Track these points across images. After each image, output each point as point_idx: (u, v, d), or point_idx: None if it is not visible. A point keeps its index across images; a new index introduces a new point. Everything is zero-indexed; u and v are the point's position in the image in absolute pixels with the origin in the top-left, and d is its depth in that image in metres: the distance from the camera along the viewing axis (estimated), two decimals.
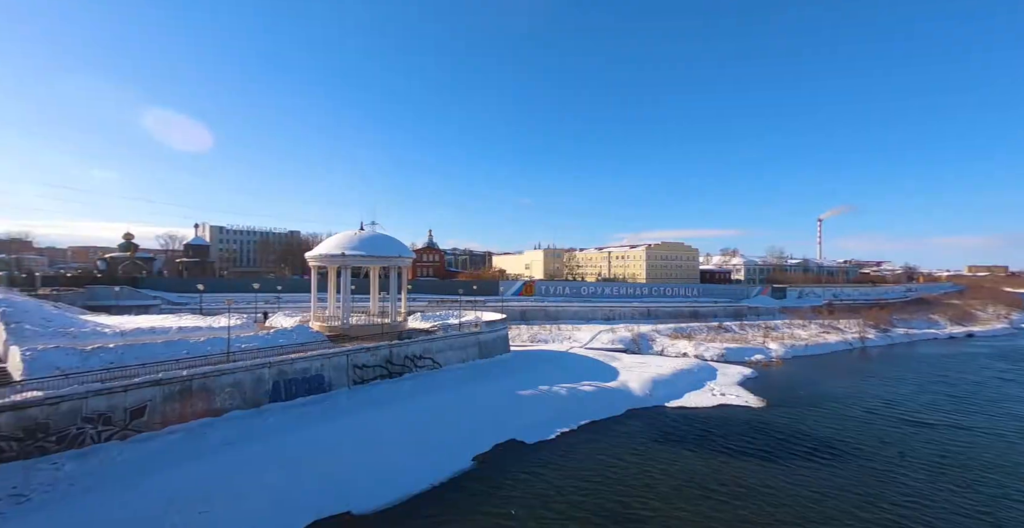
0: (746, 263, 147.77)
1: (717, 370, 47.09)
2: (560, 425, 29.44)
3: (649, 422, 31.69)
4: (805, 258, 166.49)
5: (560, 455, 25.63)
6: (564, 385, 35.42)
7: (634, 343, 58.53)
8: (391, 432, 24.58)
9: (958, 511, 20.17)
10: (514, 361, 43.23)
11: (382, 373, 32.65)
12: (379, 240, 40.00)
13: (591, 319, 74.57)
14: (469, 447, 25.18)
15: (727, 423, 31.61)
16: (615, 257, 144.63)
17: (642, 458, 25.46)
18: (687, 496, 21.12)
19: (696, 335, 63.55)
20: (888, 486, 22.38)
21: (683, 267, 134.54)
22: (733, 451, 26.57)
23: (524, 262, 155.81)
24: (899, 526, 18.91)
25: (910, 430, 30.60)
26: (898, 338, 71.26)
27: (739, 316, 79.87)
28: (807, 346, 60.77)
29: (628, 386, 38.09)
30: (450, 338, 39.37)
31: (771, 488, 22.00)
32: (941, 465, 24.88)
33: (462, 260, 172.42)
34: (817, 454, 26.31)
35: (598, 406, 33.12)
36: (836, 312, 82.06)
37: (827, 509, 20.13)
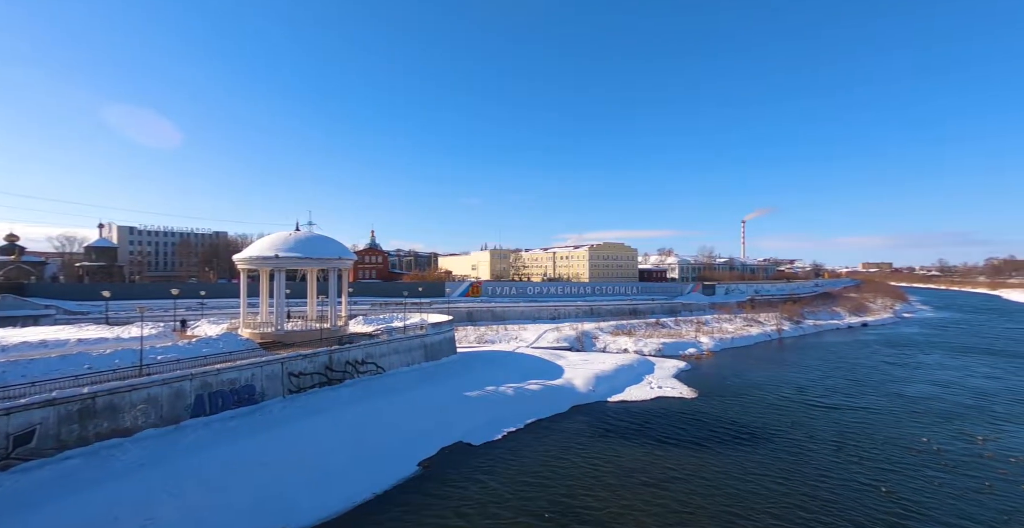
0: (680, 262, 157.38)
1: (655, 364, 49.68)
2: (507, 425, 29.59)
3: (593, 417, 32.74)
4: (731, 257, 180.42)
5: (507, 455, 25.77)
6: (511, 385, 35.69)
7: (578, 341, 60.24)
8: (330, 441, 23.42)
9: (856, 480, 22.76)
10: (461, 363, 42.89)
11: (321, 380, 31.03)
12: (317, 241, 37.99)
13: (537, 319, 75.81)
14: (414, 452, 24.60)
15: (664, 414, 33.43)
16: (560, 257, 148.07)
17: (587, 452, 26.24)
18: (629, 486, 22.05)
19: (636, 331, 66.60)
20: (800, 464, 24.78)
21: (623, 267, 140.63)
22: (669, 441, 28.13)
23: (471, 263, 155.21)
24: (810, 497, 20.98)
25: (817, 413, 34.05)
26: (808, 329, 79.22)
27: (674, 312, 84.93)
28: (733, 339, 65.77)
29: (573, 383, 39.12)
30: (394, 342, 38.27)
31: (703, 472, 23.56)
32: (842, 442, 27.89)
33: (407, 261, 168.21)
34: (742, 438, 28.56)
35: (544, 404, 33.71)
36: (757, 307, 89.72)
37: (751, 487, 21.91)
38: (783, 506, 20.15)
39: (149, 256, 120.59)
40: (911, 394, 39.15)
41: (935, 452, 26.30)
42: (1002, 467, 24.24)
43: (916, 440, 28.29)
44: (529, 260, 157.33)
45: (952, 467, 24.16)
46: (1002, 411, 34.42)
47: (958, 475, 23.25)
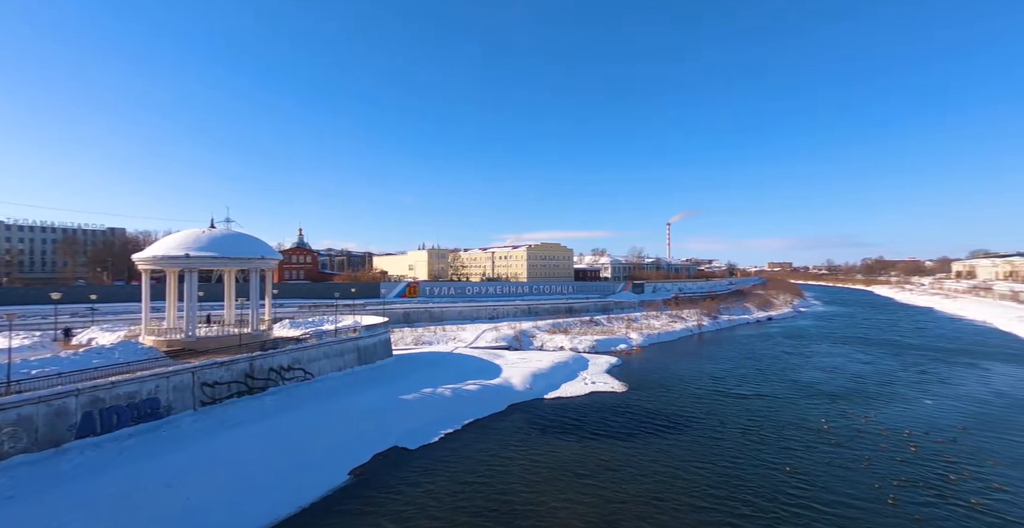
0: (612, 262, 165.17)
1: (589, 361, 51.67)
2: (444, 427, 29.23)
3: (529, 415, 33.34)
4: (658, 257, 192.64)
5: (445, 457, 25.45)
6: (449, 386, 35.29)
7: (516, 340, 61.03)
8: (251, 455, 21.64)
9: (764, 460, 25.30)
10: (397, 365, 41.67)
11: (241, 390, 28.58)
12: (235, 239, 34.95)
13: (476, 318, 75.66)
14: (345, 460, 23.48)
15: (597, 409, 34.88)
16: (498, 257, 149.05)
17: (523, 451, 26.65)
18: (564, 480, 22.72)
19: (571, 329, 68.83)
20: (716, 448, 27.03)
21: (560, 266, 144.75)
22: (602, 434, 29.41)
23: (407, 263, 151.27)
24: (725, 479, 22.95)
25: (729, 401, 37.31)
26: (724, 324, 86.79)
27: (607, 310, 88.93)
28: (659, 334, 70.28)
29: (510, 382, 39.55)
30: (324, 346, 36.24)
31: (633, 462, 24.90)
32: (750, 427, 30.76)
33: (339, 261, 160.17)
34: (667, 428, 30.59)
35: (482, 404, 33.75)
36: (681, 304, 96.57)
37: (674, 472, 23.53)
38: (703, 488, 21.86)
39: (22, 255, 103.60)
40: (805, 380, 44.23)
41: (826, 431, 29.91)
42: (882, 442, 28.09)
43: (810, 421, 32.00)
44: (468, 260, 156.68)
45: (838, 444, 27.55)
46: (874, 391, 40.05)
47: (844, 451, 26.55)
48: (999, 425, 30.90)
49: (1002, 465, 24.32)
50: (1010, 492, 21.28)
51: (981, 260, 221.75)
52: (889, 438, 28.43)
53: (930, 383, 42.79)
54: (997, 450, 26.45)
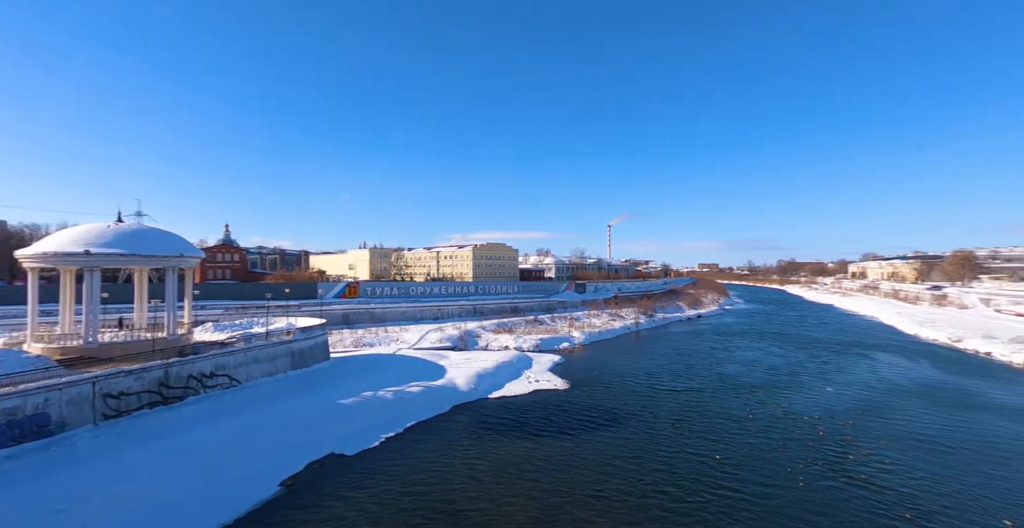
0: (556, 262, 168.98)
1: (533, 359, 52.50)
2: (385, 431, 28.34)
3: (473, 415, 33.25)
4: (600, 258, 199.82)
5: (385, 462, 24.68)
6: (390, 389, 34.28)
7: (461, 340, 60.59)
8: (163, 471, 19.65)
9: (694, 451, 27.07)
10: (335, 369, 39.77)
11: (154, 400, 25.87)
12: (146, 235, 31.55)
13: (420, 319, 74.14)
14: (275, 472, 22.03)
15: (540, 407, 35.52)
16: (444, 257, 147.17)
17: (468, 451, 26.51)
18: (507, 480, 22.88)
19: (516, 329, 69.53)
20: (650, 441, 28.52)
21: (506, 266, 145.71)
22: (544, 432, 29.97)
23: (347, 262, 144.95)
24: (659, 471, 24.26)
25: (662, 395, 39.51)
26: (659, 322, 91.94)
27: (551, 310, 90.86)
28: (600, 332, 72.98)
29: (455, 383, 39.20)
30: (253, 350, 33.75)
31: (573, 458, 25.61)
32: (681, 419, 32.75)
33: (271, 260, 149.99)
34: (605, 423, 31.79)
35: (425, 406, 33.14)
36: (620, 303, 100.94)
37: (612, 466, 24.51)
38: (638, 479, 22.94)
39: None
40: (729, 373, 47.97)
41: (747, 420, 32.56)
42: (794, 428, 31.08)
43: (733, 412, 34.72)
44: (412, 259, 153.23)
45: (758, 432, 30.05)
46: (786, 382, 44.31)
47: (763, 438, 29.02)
48: (883, 408, 35.40)
49: (888, 444, 27.85)
50: (894, 467, 24.38)
51: (870, 262, 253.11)
52: (800, 424, 31.53)
53: (830, 373, 48.09)
54: (883, 430, 30.27)
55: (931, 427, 30.83)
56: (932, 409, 34.99)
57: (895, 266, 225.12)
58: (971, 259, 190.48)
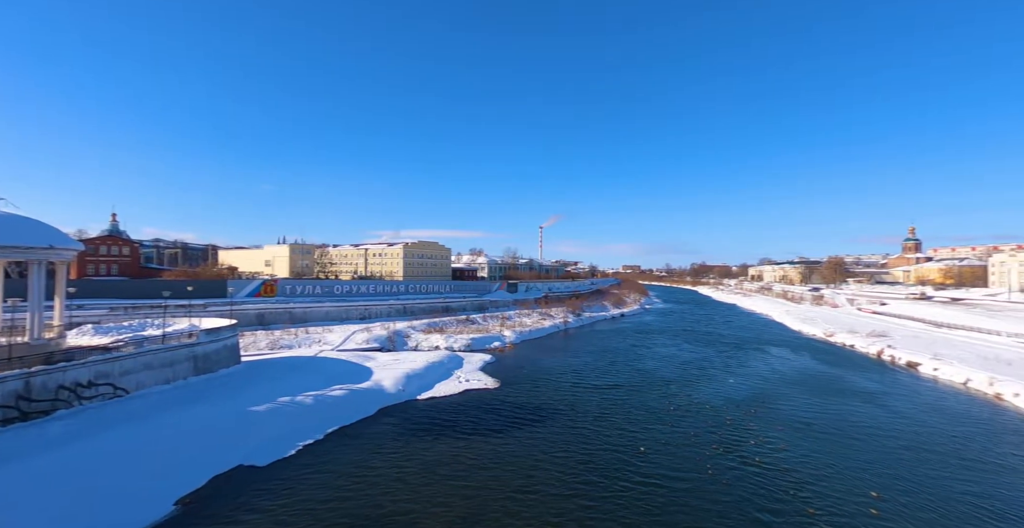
0: (489, 262, 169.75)
1: (464, 359, 52.23)
2: (303, 438, 26.51)
3: (401, 418, 32.28)
4: (531, 258, 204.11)
5: (302, 471, 23.08)
6: (310, 393, 32.16)
7: (390, 341, 58.60)
8: (15, 500, 16.63)
9: (613, 443, 28.61)
10: (246, 373, 36.45)
11: (9, 416, 21.86)
12: (3, 222, 26.58)
13: (345, 319, 70.54)
14: (170, 489, 19.65)
15: (470, 407, 35.41)
16: (372, 254, 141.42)
17: (394, 455, 25.67)
18: (435, 482, 22.49)
19: (447, 328, 68.75)
20: (575, 436, 29.60)
21: (438, 265, 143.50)
22: (474, 432, 29.91)
23: (264, 258, 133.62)
24: (582, 464, 25.27)
25: (587, 392, 41.19)
26: (586, 320, 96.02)
27: (483, 309, 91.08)
28: (531, 331, 74.54)
29: (382, 385, 37.79)
30: (145, 355, 29.85)
31: (502, 457, 25.85)
32: (604, 414, 34.29)
33: (170, 255, 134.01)
34: (533, 420, 32.50)
35: (348, 410, 31.54)
36: (550, 302, 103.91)
37: (540, 462, 25.12)
38: (565, 475, 23.63)
39: None
40: (647, 369, 51.40)
41: (662, 413, 35.01)
42: (703, 418, 34.02)
43: (651, 405, 37.17)
44: (338, 256, 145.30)
45: (671, 424, 32.32)
46: (696, 375, 48.49)
47: (676, 429, 31.28)
48: (775, 397, 40.05)
49: (779, 428, 31.48)
50: (784, 449, 27.55)
51: (766, 267, 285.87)
52: (708, 414, 34.55)
53: (732, 366, 53.45)
54: (775, 416, 34.20)
55: (811, 412, 35.39)
56: (812, 396, 40.22)
57: (785, 270, 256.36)
58: (841, 264, 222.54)
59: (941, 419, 33.82)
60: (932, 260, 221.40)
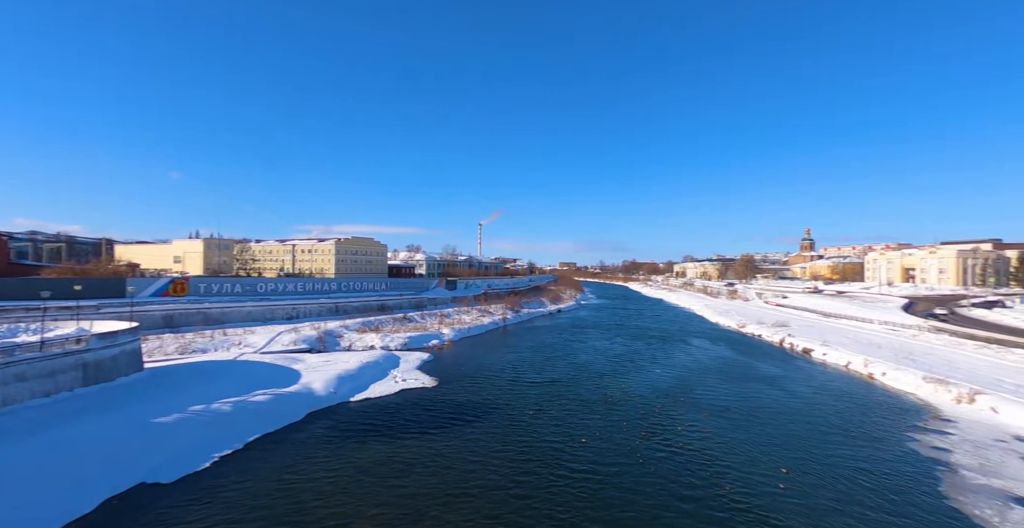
0: (427, 259, 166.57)
1: (400, 358, 50.81)
2: (220, 448, 24.26)
3: (333, 421, 30.71)
4: (470, 255, 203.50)
5: (218, 484, 21.12)
6: (228, 400, 29.50)
7: (320, 341, 55.43)
8: None
9: (551, 436, 29.32)
10: (151, 381, 32.65)
11: None
12: None
13: (271, 319, 65.60)
14: (48, 519, 17.03)
15: (407, 406, 34.53)
16: (301, 251, 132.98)
17: (324, 460, 24.33)
18: (369, 485, 21.64)
19: (383, 327, 66.43)
20: (514, 431, 29.94)
21: (373, 262, 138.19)
22: (411, 432, 29.20)
23: (173, 254, 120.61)
24: (520, 459, 25.59)
25: (525, 387, 41.74)
26: (524, 317, 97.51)
27: (421, 307, 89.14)
28: (470, 328, 74.23)
29: (311, 387, 35.66)
30: (14, 365, 25.60)
31: (439, 455, 25.46)
32: (541, 409, 34.90)
33: (51, 249, 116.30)
34: (472, 417, 32.40)
35: (273, 416, 29.37)
36: (489, 299, 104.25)
37: (478, 458, 25.09)
38: (502, 471, 23.74)
39: None
40: (581, 362, 53.27)
41: (597, 404, 36.52)
42: (634, 408, 35.85)
43: (585, 398, 38.60)
44: (261, 253, 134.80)
45: (604, 415, 33.65)
46: (627, 367, 51.16)
47: (609, 420, 32.73)
48: (697, 384, 43.35)
49: (701, 414, 34.09)
50: (705, 434, 29.83)
51: (689, 264, 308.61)
52: (638, 404, 36.40)
53: (659, 357, 57.08)
54: (698, 403, 36.92)
55: (728, 397, 38.72)
56: (728, 382, 44.06)
57: (705, 267, 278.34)
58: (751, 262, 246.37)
59: (829, 398, 38.63)
60: (823, 258, 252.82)
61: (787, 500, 20.81)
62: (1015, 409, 32.46)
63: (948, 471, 24.01)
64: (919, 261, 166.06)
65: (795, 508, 20.12)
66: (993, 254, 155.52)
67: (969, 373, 42.20)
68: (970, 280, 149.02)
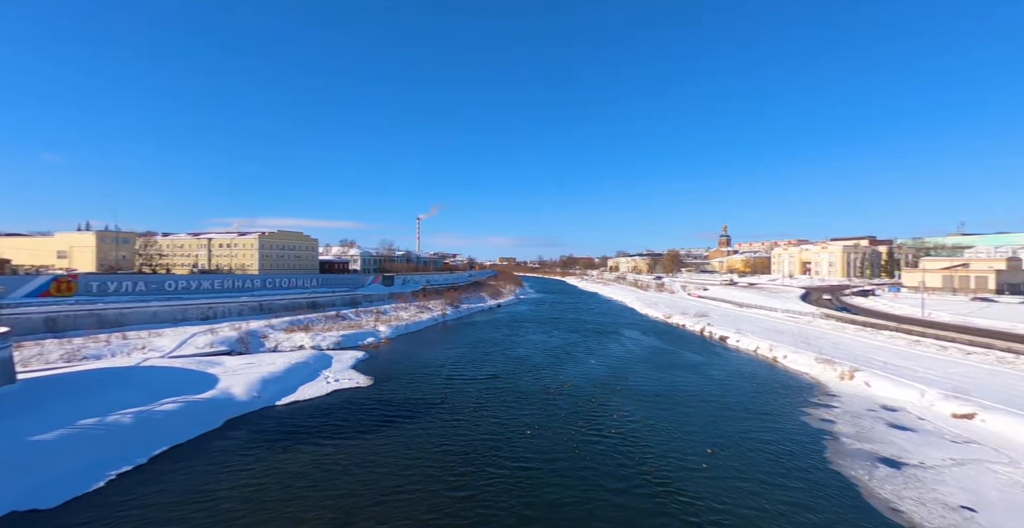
0: (362, 254, 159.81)
1: (333, 358, 48.37)
2: (118, 465, 21.57)
3: (256, 427, 28.55)
4: (408, 250, 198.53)
5: (114, 507, 18.75)
6: (128, 411, 26.29)
7: (241, 342, 51.17)
8: None
9: (489, 431, 29.51)
10: (26, 394, 28.15)
11: None
12: None
13: (182, 320, 59.31)
14: None
15: (339, 408, 32.99)
16: (218, 245, 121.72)
17: (246, 469, 22.56)
18: (296, 492, 20.40)
19: (314, 326, 62.83)
20: (453, 428, 29.72)
21: (302, 257, 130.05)
22: (342, 434, 27.93)
23: (56, 248, 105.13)
24: (459, 455, 25.50)
25: (464, 383, 41.48)
26: (464, 312, 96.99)
27: (356, 304, 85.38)
28: (408, 325, 72.43)
29: (231, 392, 32.85)
30: None
31: (373, 457, 24.62)
32: (480, 405, 34.72)
33: None
34: (408, 417, 31.63)
35: (184, 425, 26.66)
36: (428, 295, 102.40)
37: (415, 457, 24.60)
38: (443, 468, 23.42)
39: None
40: (519, 356, 54.09)
41: (536, 397, 37.26)
42: (573, 399, 37.05)
43: (523, 391, 39.25)
44: (170, 247, 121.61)
45: (543, 408, 34.41)
46: (564, 359, 52.79)
47: (547, 412, 33.63)
48: (629, 373, 45.75)
49: (633, 401, 36.10)
50: (637, 420, 31.54)
51: (621, 258, 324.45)
52: (574, 395, 37.58)
53: (595, 349, 59.54)
54: (630, 391, 39.03)
55: (657, 385, 41.24)
56: (657, 371, 46.98)
57: (636, 262, 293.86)
58: (677, 257, 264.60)
59: (741, 381, 42.66)
60: (738, 253, 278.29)
61: (707, 477, 22.68)
62: (883, 382, 38.03)
63: (831, 439, 27.58)
64: (814, 256, 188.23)
65: (712, 482, 22.04)
66: (869, 249, 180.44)
67: (850, 353, 48.74)
68: (852, 272, 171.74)
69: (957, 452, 25.07)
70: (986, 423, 29.09)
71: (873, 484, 21.64)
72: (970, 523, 18.20)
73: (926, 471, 22.83)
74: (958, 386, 35.08)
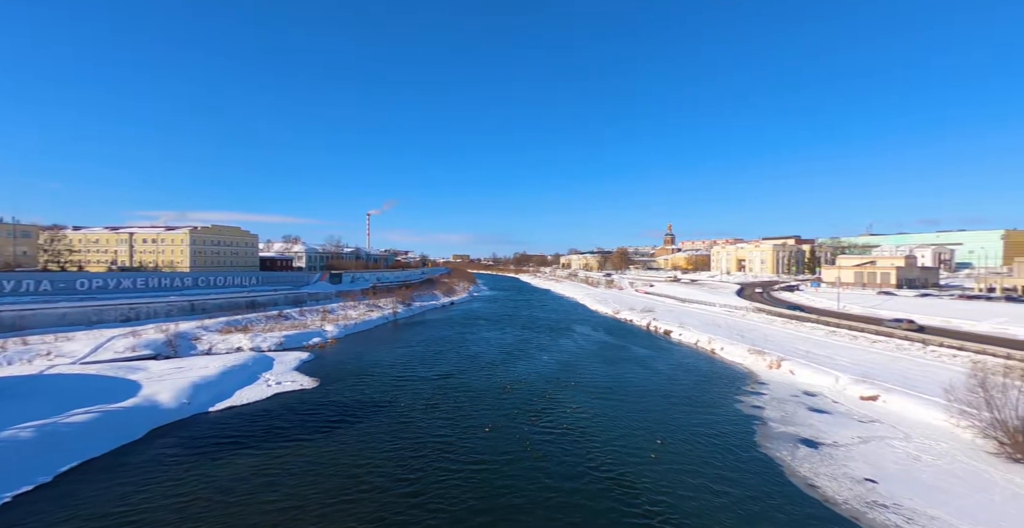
0: (308, 250, 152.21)
1: (274, 359, 45.82)
2: (12, 487, 19.19)
3: (185, 436, 26.45)
4: (358, 247, 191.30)
5: None
6: (28, 425, 23.43)
7: (169, 345, 47.15)
8: None
9: (441, 431, 29.23)
10: None
11: None
12: None
13: (97, 323, 53.69)
14: None
15: (281, 412, 31.32)
16: (141, 240, 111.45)
17: (175, 481, 20.85)
18: (233, 502, 19.14)
19: (254, 326, 59.14)
20: (403, 428, 29.18)
21: (240, 254, 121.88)
22: (284, 438, 26.57)
23: None
24: (408, 452, 25.09)
25: (417, 382, 40.72)
26: (416, 310, 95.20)
27: (300, 303, 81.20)
28: (357, 324, 69.98)
29: (155, 400, 30.21)
30: None
31: (319, 460, 23.68)
32: (432, 404, 34.34)
33: None
34: (357, 417, 30.71)
35: (98, 438, 24.18)
36: (379, 293, 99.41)
37: (362, 463, 23.78)
38: (393, 468, 22.97)
39: None
40: (473, 354, 53.93)
41: (488, 394, 37.31)
42: (526, 395, 37.39)
43: (476, 388, 39.20)
44: (84, 243, 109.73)
45: (496, 406, 34.52)
46: (517, 356, 53.29)
47: (500, 409, 33.80)
48: (580, 368, 46.99)
49: (584, 395, 37.06)
50: (589, 414, 32.49)
51: (573, 256, 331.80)
52: (527, 391, 38.01)
53: (546, 345, 60.51)
54: (582, 386, 39.93)
55: (607, 378, 42.58)
56: (606, 365, 48.56)
57: (587, 259, 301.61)
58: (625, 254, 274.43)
59: (683, 373, 45.09)
60: (682, 251, 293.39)
61: (656, 467, 23.72)
62: (804, 370, 41.71)
63: (761, 423, 29.89)
64: (748, 253, 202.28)
65: (659, 471, 23.15)
66: (795, 248, 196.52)
67: (777, 344, 52.98)
68: (781, 269, 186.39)
69: (863, 431, 28.04)
70: (887, 403, 32.77)
71: (795, 464, 23.71)
72: (872, 493, 20.46)
73: (838, 449, 25.35)
74: (866, 371, 39.22)
